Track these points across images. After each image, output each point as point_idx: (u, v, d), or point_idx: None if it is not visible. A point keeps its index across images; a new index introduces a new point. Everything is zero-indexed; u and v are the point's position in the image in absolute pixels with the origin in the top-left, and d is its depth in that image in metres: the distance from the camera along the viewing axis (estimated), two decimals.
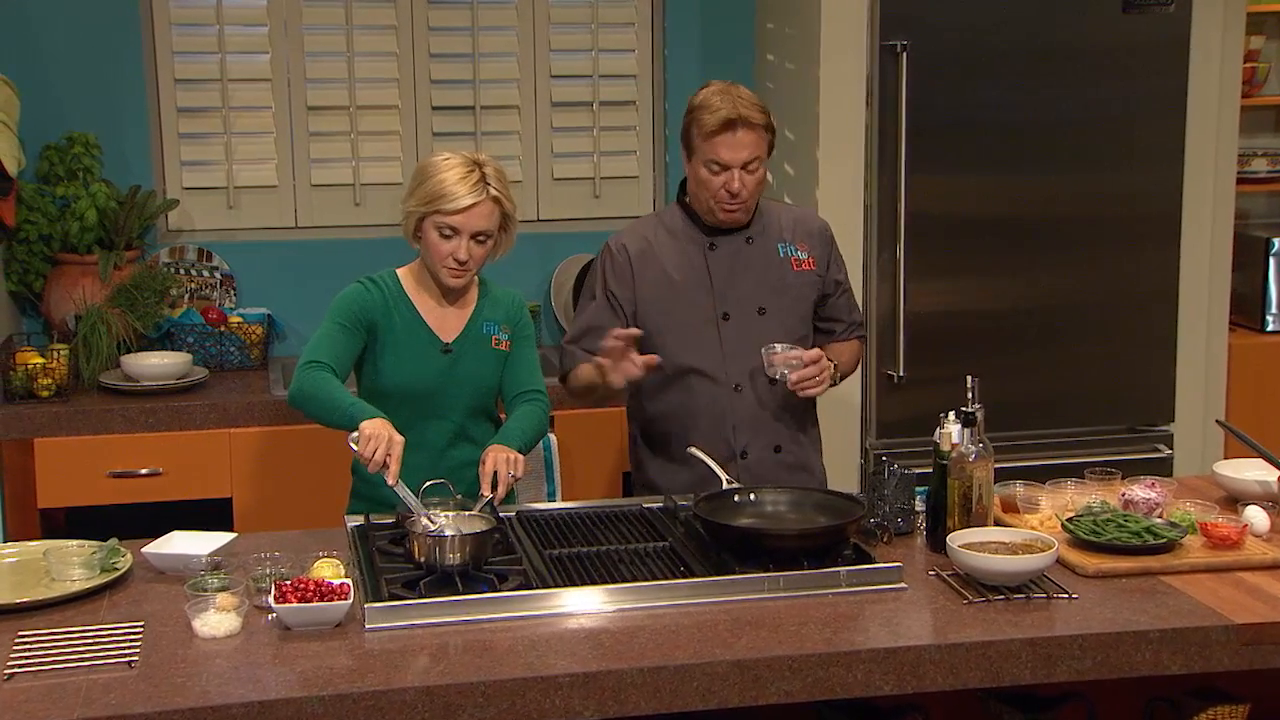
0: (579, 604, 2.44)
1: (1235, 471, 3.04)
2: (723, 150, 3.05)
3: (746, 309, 3.18)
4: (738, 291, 3.18)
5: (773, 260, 3.21)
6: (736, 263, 3.19)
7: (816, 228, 3.32)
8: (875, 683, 2.28)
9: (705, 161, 3.08)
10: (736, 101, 3.06)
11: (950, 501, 2.69)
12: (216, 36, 4.48)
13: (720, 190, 3.09)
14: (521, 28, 4.70)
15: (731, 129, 3.04)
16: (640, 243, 3.21)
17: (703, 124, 3.06)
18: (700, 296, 3.17)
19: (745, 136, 3.05)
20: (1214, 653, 2.35)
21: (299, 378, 2.86)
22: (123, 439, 3.90)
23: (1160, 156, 4.42)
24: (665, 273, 3.17)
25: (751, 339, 3.15)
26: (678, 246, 3.20)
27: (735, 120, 3.04)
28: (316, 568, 2.49)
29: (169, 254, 4.48)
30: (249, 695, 2.08)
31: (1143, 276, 4.48)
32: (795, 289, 3.22)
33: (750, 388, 3.17)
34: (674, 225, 3.23)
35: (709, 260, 3.18)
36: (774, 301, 3.19)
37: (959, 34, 4.24)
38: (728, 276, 3.18)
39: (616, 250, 3.22)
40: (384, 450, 2.68)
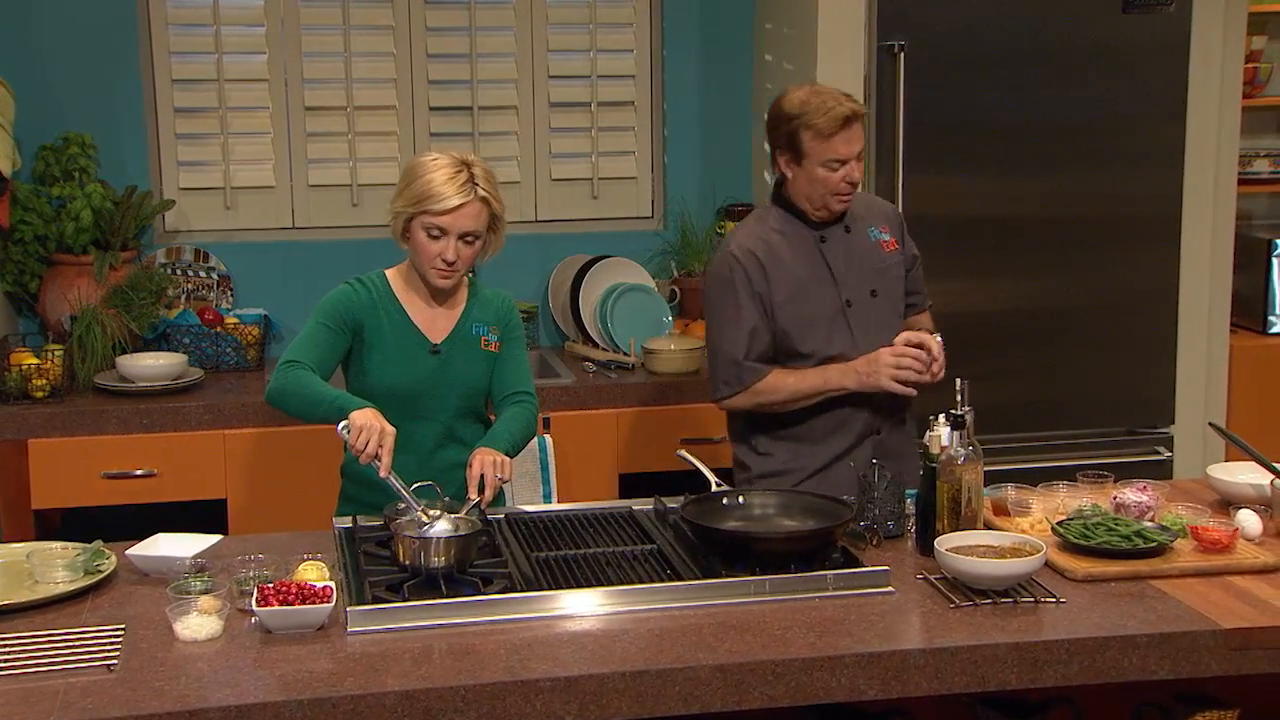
0: (563, 607, 2.43)
1: (1229, 475, 3.02)
2: (841, 146, 3.13)
3: (863, 294, 3.28)
4: (853, 278, 3.27)
5: (869, 245, 3.31)
6: (846, 252, 3.28)
7: (890, 209, 3.45)
8: (860, 687, 2.27)
9: (825, 161, 3.14)
10: (840, 98, 3.16)
11: (939, 505, 2.68)
12: (213, 37, 4.48)
13: (841, 183, 3.17)
14: (519, 28, 4.69)
15: (849, 124, 3.13)
16: (761, 245, 3.24)
17: (819, 127, 3.11)
18: (825, 289, 3.24)
19: (858, 129, 3.17)
20: (1202, 658, 2.33)
21: (277, 376, 2.85)
22: (117, 440, 3.90)
23: (1160, 157, 4.41)
24: (792, 271, 3.23)
25: (871, 322, 3.26)
26: (792, 245, 3.25)
27: (851, 116, 3.14)
28: (301, 570, 2.48)
29: (165, 254, 4.48)
30: (227, 699, 2.07)
31: (1142, 278, 4.46)
32: (892, 269, 3.34)
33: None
34: (781, 226, 3.27)
35: (824, 253, 3.26)
36: (881, 284, 3.30)
37: (957, 34, 4.23)
38: (843, 266, 3.27)
39: (744, 256, 3.23)
40: (376, 442, 2.67)
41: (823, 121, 3.11)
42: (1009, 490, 2.91)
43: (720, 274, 3.26)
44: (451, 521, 2.59)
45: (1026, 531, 2.75)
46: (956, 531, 2.64)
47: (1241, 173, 4.76)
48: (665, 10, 4.76)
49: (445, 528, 2.56)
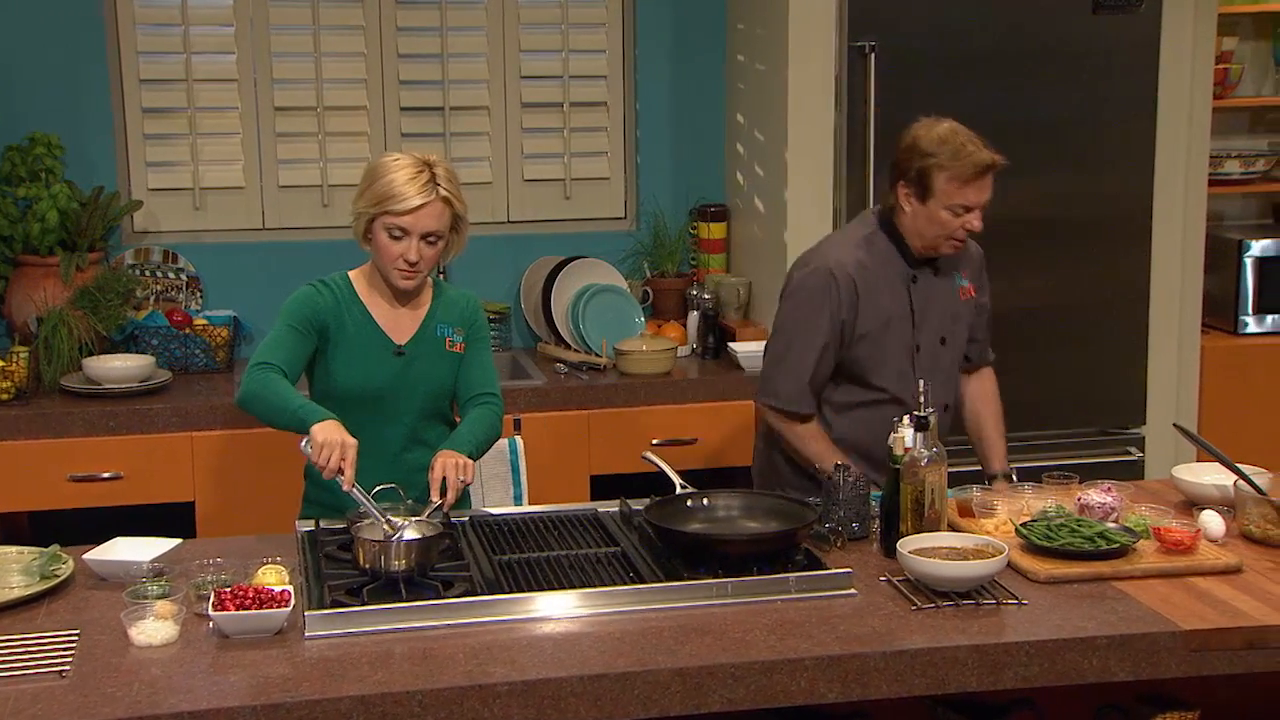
0: (524, 611, 2.42)
1: (1194, 475, 3.02)
2: (972, 194, 3.06)
3: (933, 340, 3.25)
4: (929, 324, 3.24)
5: (951, 291, 3.28)
6: (930, 296, 3.24)
7: (977, 254, 3.37)
8: (820, 690, 2.26)
9: (951, 205, 3.07)
10: (980, 144, 3.07)
11: (903, 506, 2.67)
12: (182, 37, 4.45)
13: (959, 229, 3.11)
14: (491, 28, 4.68)
15: (985, 174, 3.05)
16: (860, 272, 3.18)
17: (955, 171, 3.04)
18: (903, 328, 3.21)
19: (990, 178, 3.08)
20: (1161, 659, 2.33)
21: (248, 379, 2.84)
22: (83, 442, 3.88)
23: (1131, 158, 4.41)
24: (880, 306, 3.18)
25: (935, 366, 3.24)
26: (887, 278, 3.21)
27: (990, 165, 3.05)
28: (260, 574, 2.47)
29: (134, 255, 4.45)
30: (179, 705, 2.05)
31: (1114, 279, 4.46)
32: (964, 318, 3.32)
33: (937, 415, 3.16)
34: (885, 253, 3.21)
35: (912, 294, 3.22)
36: (951, 330, 3.28)
37: (927, 35, 4.23)
38: (923, 310, 3.23)
39: (842, 278, 3.16)
40: (338, 456, 2.65)
41: (960, 166, 3.03)
42: (974, 492, 2.91)
43: (812, 286, 3.19)
44: (413, 525, 2.58)
45: (991, 533, 2.75)
46: (920, 533, 2.64)
47: (1212, 173, 4.76)
48: (638, 10, 4.75)
49: (406, 531, 2.54)
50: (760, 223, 4.54)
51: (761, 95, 4.50)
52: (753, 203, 4.60)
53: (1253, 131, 5.26)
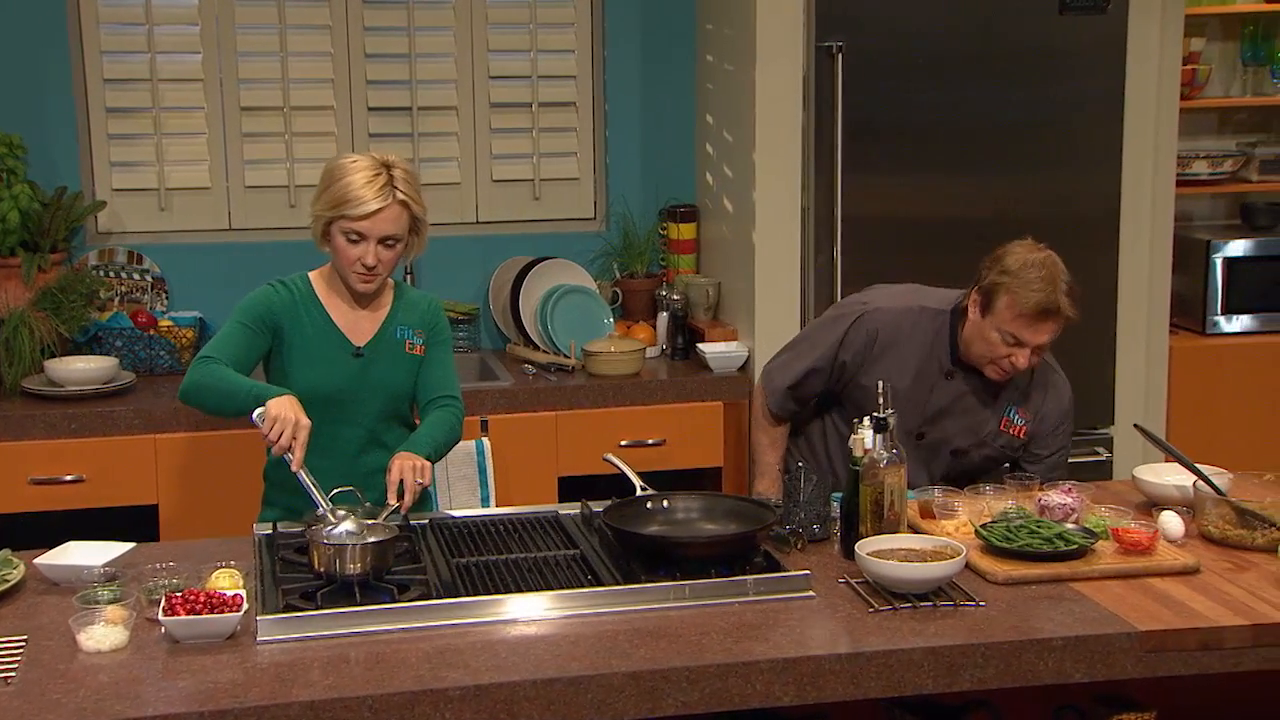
0: (479, 614, 2.40)
1: (1155, 476, 3.03)
2: (1026, 332, 2.99)
3: (943, 443, 3.18)
4: (944, 427, 3.17)
5: (993, 414, 3.17)
6: (960, 400, 3.16)
7: (1051, 401, 3.21)
8: (775, 693, 2.25)
9: (1002, 331, 3.01)
10: (1058, 288, 2.98)
11: (862, 508, 2.66)
12: (146, 36, 4.42)
13: (1005, 360, 3.04)
14: (459, 28, 4.66)
15: (1046, 317, 2.98)
16: (892, 332, 3.17)
17: (1017, 299, 2.96)
18: (911, 411, 3.14)
19: (1052, 324, 3.00)
20: (1117, 660, 2.33)
21: (192, 371, 2.81)
22: (44, 445, 3.85)
23: (1098, 158, 4.42)
24: (893, 375, 3.07)
25: (933, 467, 3.19)
26: (921, 356, 3.16)
27: (1053, 311, 2.97)
28: (214, 578, 2.45)
29: (98, 256, 4.42)
30: (126, 712, 2.03)
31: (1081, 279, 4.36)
32: (993, 449, 3.20)
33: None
34: (933, 334, 3.17)
35: (937, 385, 3.16)
36: (972, 448, 3.19)
37: (895, 35, 4.23)
38: (944, 408, 3.16)
39: (867, 331, 3.18)
40: (290, 433, 2.63)
41: (1023, 297, 2.95)
42: (935, 493, 2.91)
43: (842, 313, 3.25)
44: (368, 527, 2.56)
45: (951, 534, 2.75)
46: (880, 535, 2.63)
47: (1181, 174, 4.77)
48: (606, 10, 4.73)
49: (361, 534, 2.52)
50: (729, 223, 4.53)
51: (730, 96, 4.49)
52: (722, 203, 4.59)
53: (1220, 132, 5.27)
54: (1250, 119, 5.27)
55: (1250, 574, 2.59)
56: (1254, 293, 4.94)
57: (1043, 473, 3.19)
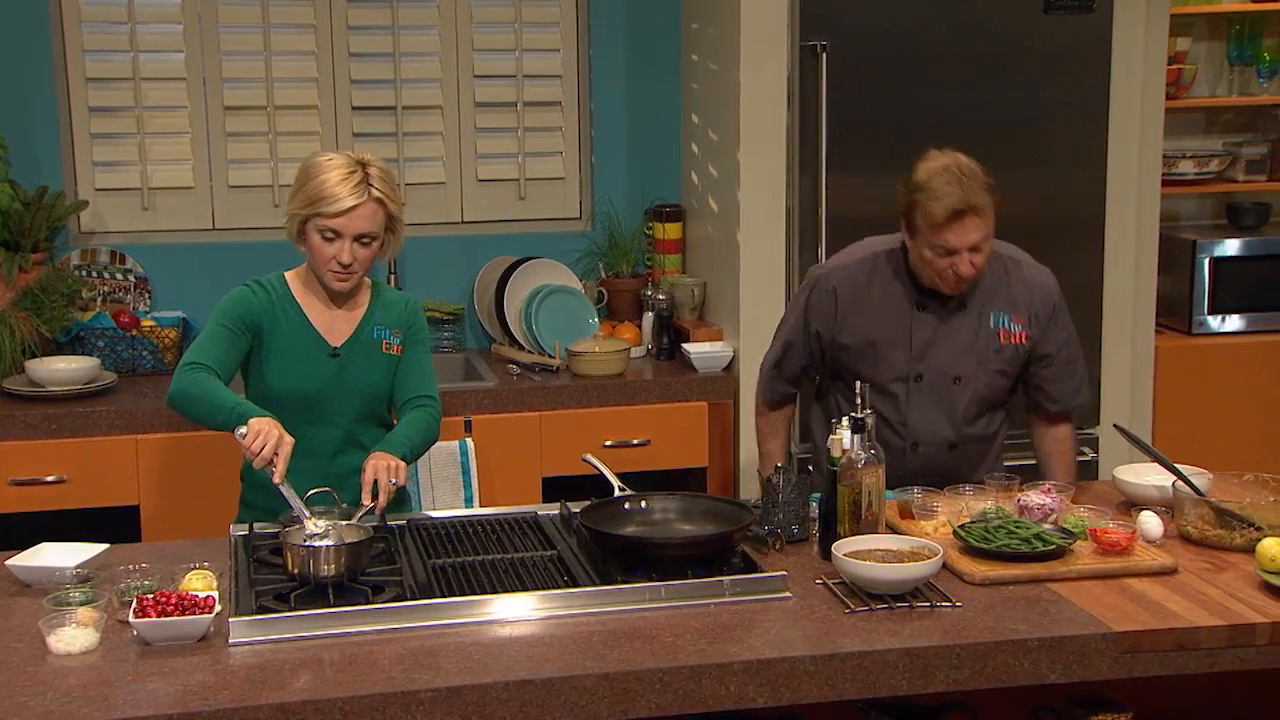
0: (452, 616, 2.39)
1: (1135, 476, 3.02)
2: (950, 237, 2.94)
3: (942, 375, 3.12)
4: (937, 357, 3.12)
5: (982, 329, 3.12)
6: (942, 328, 3.11)
7: (1040, 296, 3.17)
8: (749, 695, 2.24)
9: (931, 245, 2.97)
10: (965, 186, 2.93)
11: (839, 508, 2.65)
12: (129, 35, 4.41)
13: (947, 271, 2.99)
14: (444, 27, 4.65)
15: (959, 218, 2.92)
16: (849, 286, 3.14)
17: (930, 213, 2.93)
18: (898, 355, 3.11)
19: (972, 222, 2.93)
20: (1093, 661, 2.32)
21: (178, 378, 2.80)
22: (25, 445, 3.83)
23: (1082, 158, 4.41)
24: (868, 325, 3.10)
25: (941, 403, 3.13)
26: (886, 300, 3.12)
27: (964, 210, 2.92)
28: (187, 580, 2.44)
29: (80, 256, 4.41)
30: (93, 715, 2.02)
31: (1066, 279, 4.38)
32: (998, 363, 3.14)
33: (929, 447, 3.13)
34: (888, 277, 3.13)
35: (914, 321, 3.11)
36: (972, 371, 3.13)
37: (879, 35, 4.21)
38: (929, 340, 3.11)
39: (825, 291, 3.16)
40: (272, 447, 2.62)
41: (934, 208, 2.92)
42: (915, 493, 2.90)
43: (806, 281, 3.27)
44: (343, 529, 2.55)
45: (930, 535, 2.74)
46: (858, 535, 2.62)
47: (1167, 174, 4.77)
48: (591, 9, 4.72)
49: (335, 535, 2.51)
50: (714, 223, 4.52)
51: (715, 95, 4.48)
52: (707, 203, 4.58)
53: (1207, 132, 5.26)
54: (1237, 119, 5.27)
55: (1228, 574, 2.58)
56: (1240, 293, 4.93)
57: (1060, 376, 3.17)
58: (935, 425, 3.13)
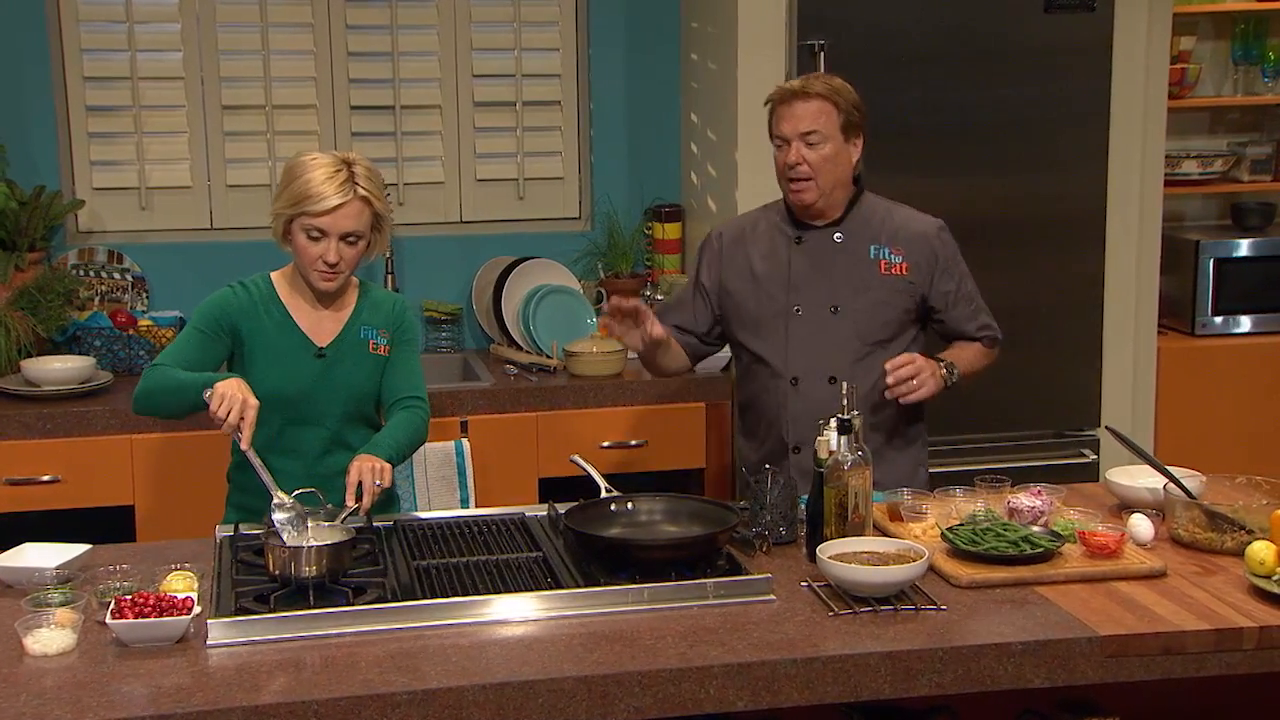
0: (432, 618, 2.37)
1: (1128, 479, 2.99)
2: (783, 123, 3.10)
3: (820, 306, 3.17)
4: (814, 288, 3.17)
5: (860, 260, 3.18)
6: (820, 259, 3.18)
7: (921, 233, 3.23)
8: (729, 698, 2.22)
9: (774, 140, 3.14)
10: (807, 80, 3.14)
11: (826, 510, 2.63)
12: (127, 34, 4.40)
13: (784, 165, 3.12)
14: (442, 26, 4.63)
15: (788, 100, 3.09)
16: (735, 232, 3.30)
17: (770, 100, 3.14)
18: (776, 290, 3.19)
19: (802, 107, 3.08)
20: (1078, 665, 2.29)
21: (141, 380, 2.81)
22: (20, 445, 3.82)
23: (1083, 158, 4.38)
24: (750, 263, 3.22)
25: (820, 336, 3.16)
26: (769, 238, 3.23)
27: (793, 91, 3.10)
28: (168, 581, 2.43)
29: (78, 256, 4.41)
30: (65, 717, 2.01)
31: (1067, 280, 4.43)
32: (878, 292, 3.17)
33: (809, 383, 3.17)
34: (773, 217, 3.28)
35: (792, 254, 3.19)
36: (850, 302, 3.16)
37: (877, 33, 4.19)
38: (807, 272, 3.18)
39: (714, 238, 3.33)
40: (238, 411, 2.61)
41: (773, 94, 3.13)
42: (904, 495, 2.88)
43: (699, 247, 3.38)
44: (324, 529, 2.53)
45: (919, 537, 2.72)
46: (844, 538, 2.60)
47: (1171, 174, 4.74)
48: (591, 8, 4.71)
49: (316, 536, 2.50)
50: (713, 223, 4.48)
51: (714, 94, 4.46)
52: (706, 203, 4.56)
53: (1212, 132, 5.23)
54: (1242, 119, 5.23)
55: (1217, 578, 2.55)
56: (1244, 293, 4.90)
57: (962, 316, 3.26)
58: (814, 358, 3.15)
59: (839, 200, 3.20)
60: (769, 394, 3.23)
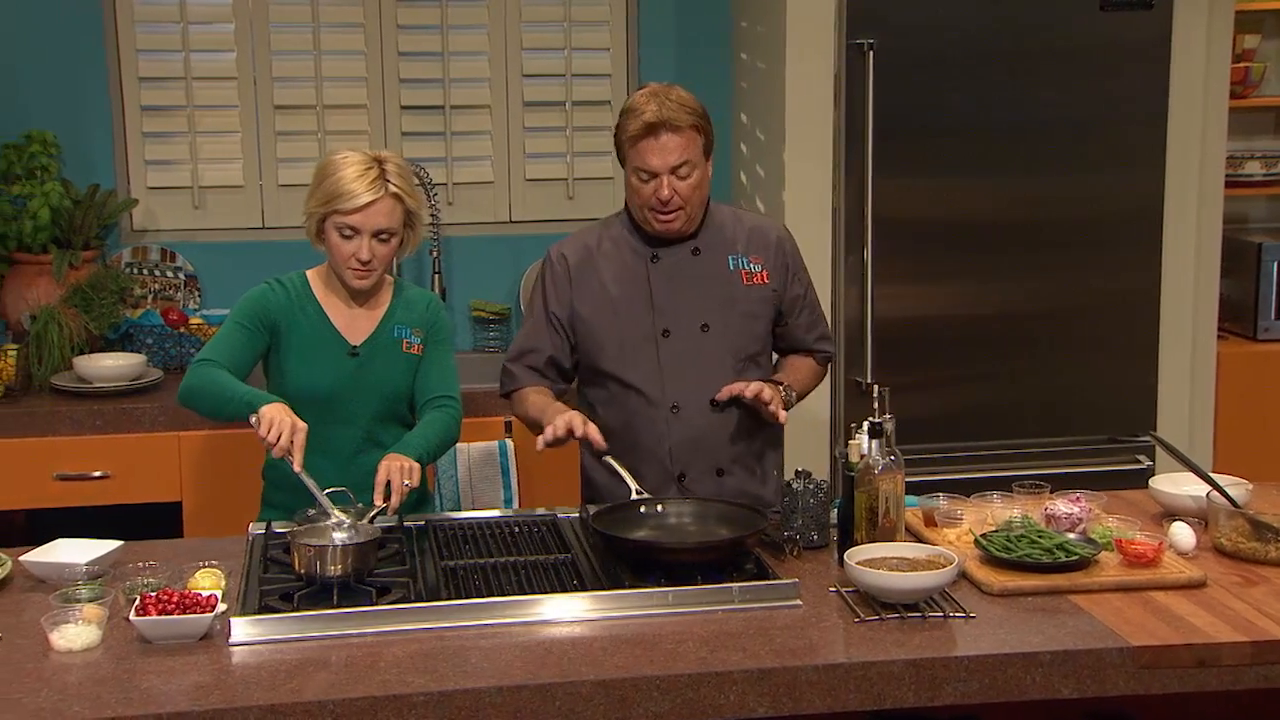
0: (454, 619, 2.36)
1: (1173, 486, 2.93)
2: (649, 156, 2.88)
3: (689, 326, 3.01)
4: (680, 307, 3.01)
5: (721, 273, 3.03)
6: (680, 276, 3.01)
7: (774, 238, 3.11)
8: (749, 704, 2.19)
9: (634, 169, 2.92)
10: (662, 104, 2.89)
11: (856, 515, 2.60)
12: (181, 35, 4.45)
13: (651, 198, 2.92)
14: (493, 26, 4.64)
15: (654, 133, 2.87)
16: (581, 252, 3.05)
17: (627, 129, 2.90)
18: (640, 311, 3.00)
19: (670, 140, 2.87)
20: (1108, 676, 2.24)
21: (188, 375, 2.82)
22: (71, 441, 3.88)
23: (1140, 159, 4.29)
24: (604, 285, 3.01)
25: (694, 357, 3.00)
26: (619, 257, 3.03)
27: (658, 124, 2.86)
28: (196, 578, 2.44)
29: (132, 254, 4.46)
30: (83, 713, 2.02)
31: (1121, 282, 4.35)
32: (745, 304, 3.04)
33: (690, 409, 3.00)
34: (618, 234, 3.06)
35: (650, 273, 3.01)
36: (720, 318, 3.02)
37: (928, 32, 4.13)
38: (670, 291, 3.00)
39: (556, 260, 3.06)
40: (288, 435, 2.62)
41: (631, 123, 2.88)
42: (941, 501, 2.83)
43: (537, 273, 3.13)
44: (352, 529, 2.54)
45: (953, 543, 2.68)
46: (874, 543, 2.56)
47: (1232, 175, 4.64)
48: (641, 8, 4.69)
49: (342, 535, 2.50)
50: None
51: (762, 94, 4.43)
52: (754, 203, 4.53)
53: (1277, 132, 5.11)
54: None
55: (1260, 589, 2.49)
56: None
57: (804, 324, 3.13)
58: (691, 382, 2.99)
59: (698, 217, 3.04)
60: (645, 422, 3.00)
